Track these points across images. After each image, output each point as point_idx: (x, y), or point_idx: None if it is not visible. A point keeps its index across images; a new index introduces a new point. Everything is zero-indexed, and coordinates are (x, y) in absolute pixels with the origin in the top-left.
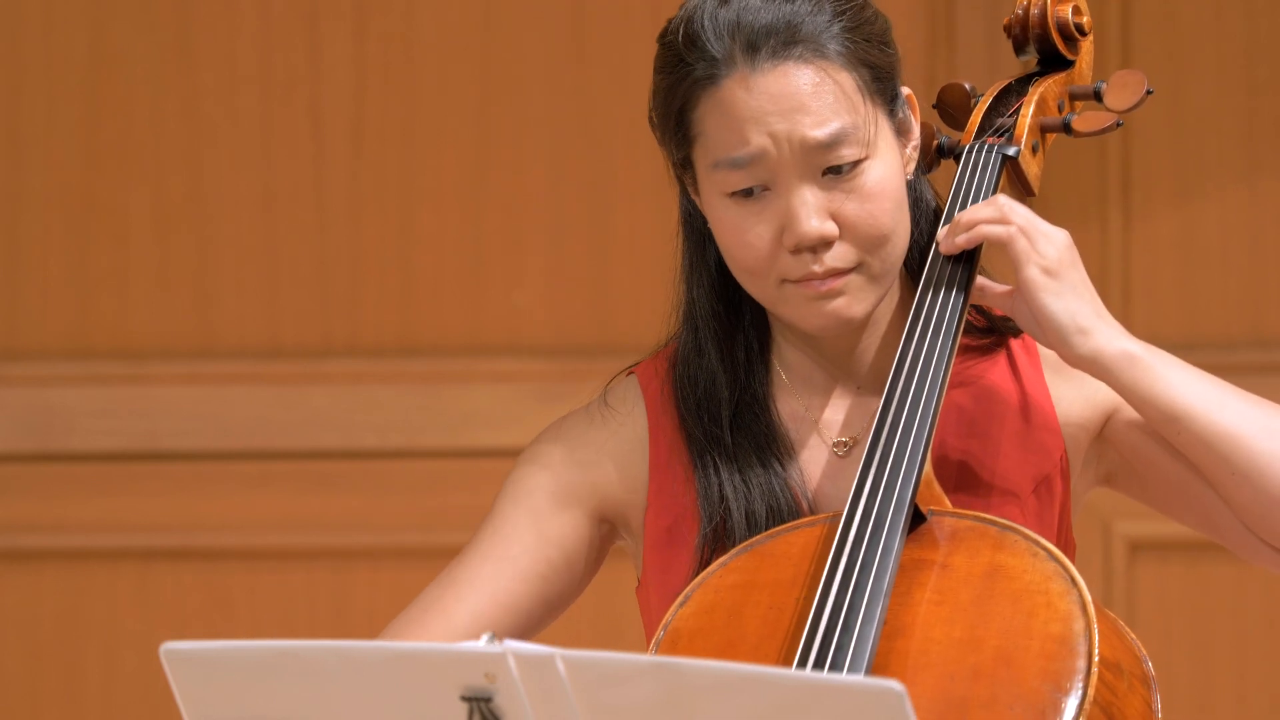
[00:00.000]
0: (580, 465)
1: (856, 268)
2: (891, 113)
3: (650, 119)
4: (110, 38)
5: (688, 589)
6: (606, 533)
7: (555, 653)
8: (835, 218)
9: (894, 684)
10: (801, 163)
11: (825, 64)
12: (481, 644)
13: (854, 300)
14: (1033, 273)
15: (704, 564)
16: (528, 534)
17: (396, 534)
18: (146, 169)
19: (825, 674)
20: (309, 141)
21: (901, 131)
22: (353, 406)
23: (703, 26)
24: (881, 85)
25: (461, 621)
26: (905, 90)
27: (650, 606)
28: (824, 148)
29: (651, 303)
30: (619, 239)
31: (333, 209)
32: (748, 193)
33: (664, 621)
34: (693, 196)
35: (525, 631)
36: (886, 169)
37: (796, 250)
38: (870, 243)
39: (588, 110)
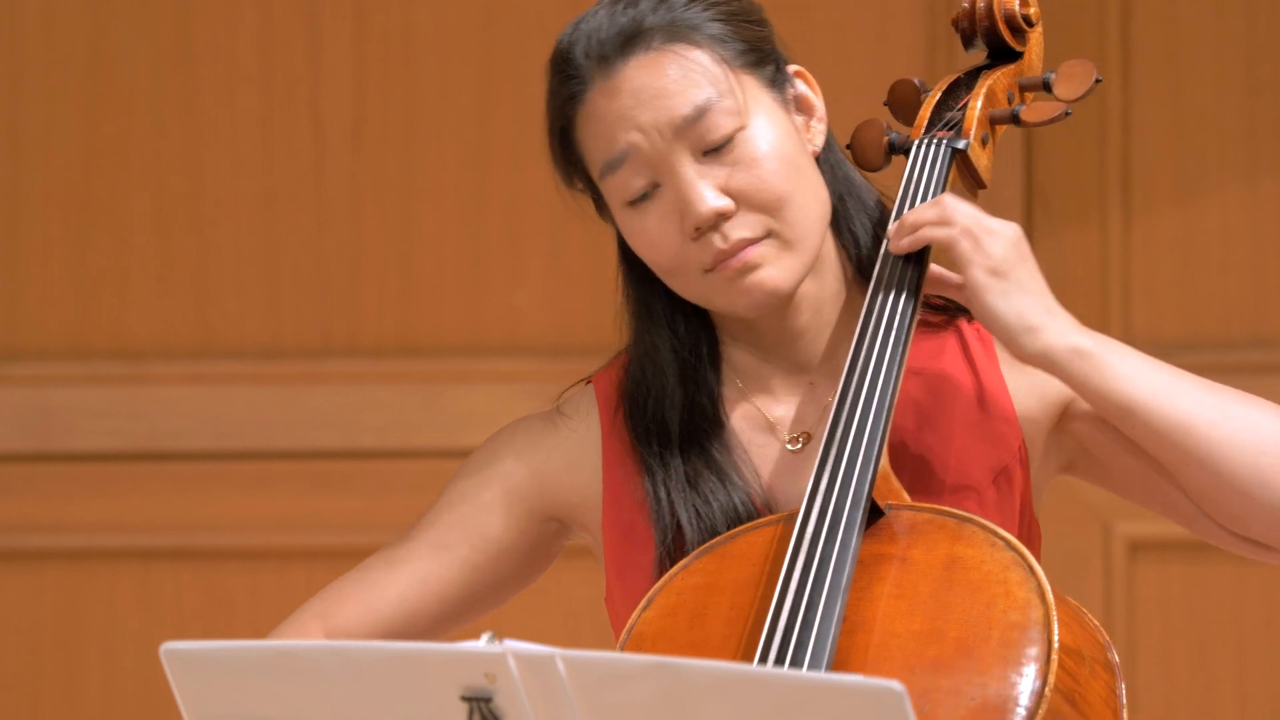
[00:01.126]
0: (530, 467)
1: (766, 236)
2: (773, 84)
3: (550, 158)
4: (110, 38)
5: (650, 592)
6: (555, 530)
7: (555, 653)
8: (728, 192)
9: (894, 684)
10: (677, 147)
11: (677, 47)
12: (481, 644)
13: (775, 270)
14: (977, 274)
15: (660, 577)
16: (467, 527)
17: (396, 534)
18: (146, 169)
19: (825, 674)
20: (309, 141)
21: (799, 107)
22: (353, 406)
23: (562, 52)
24: (749, 58)
25: (389, 599)
26: (794, 67)
27: (617, 614)
28: (691, 123)
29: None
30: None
31: (333, 209)
32: (644, 197)
33: (628, 625)
34: (610, 220)
35: (453, 618)
36: (769, 134)
37: (698, 235)
38: (770, 206)
39: None
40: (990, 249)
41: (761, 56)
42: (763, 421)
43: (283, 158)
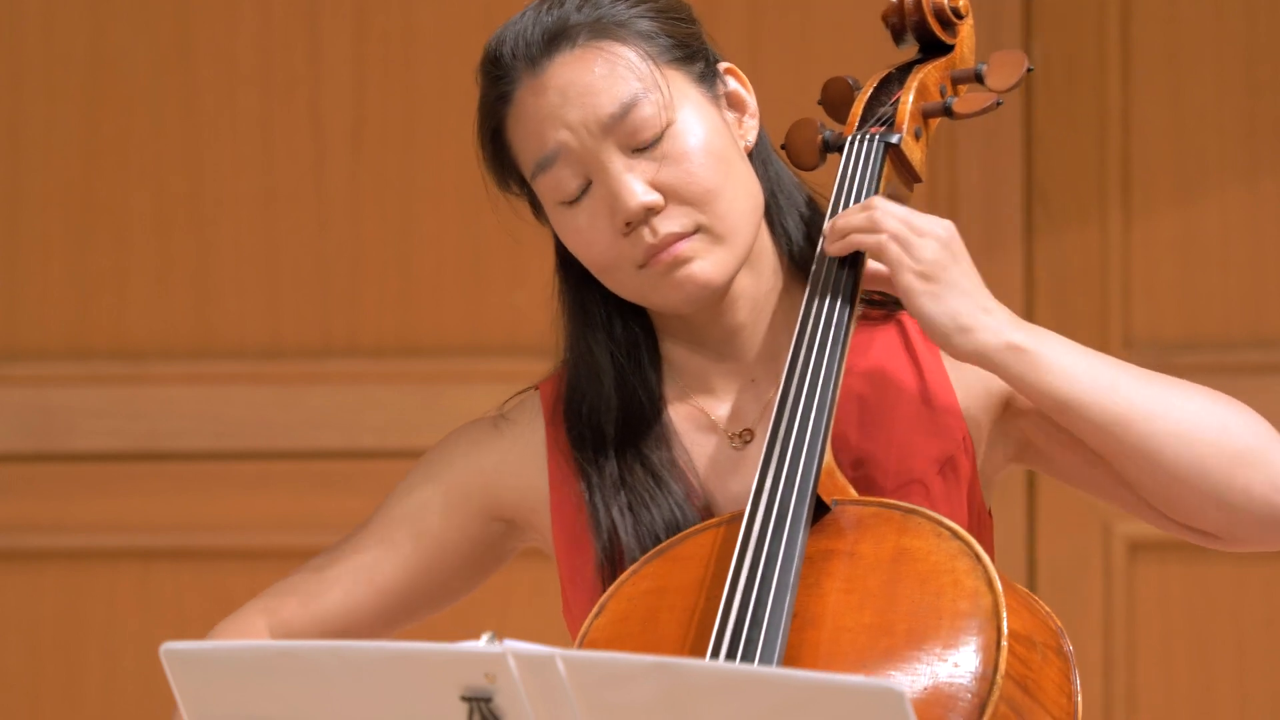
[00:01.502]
0: (474, 468)
1: (696, 231)
2: (704, 80)
3: (480, 163)
4: (110, 38)
5: (601, 599)
6: (501, 532)
7: (555, 653)
8: (657, 187)
9: (894, 684)
10: (605, 144)
11: (604, 44)
12: (481, 644)
13: (706, 264)
14: (907, 279)
15: (604, 585)
16: (413, 526)
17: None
18: (146, 169)
19: (825, 674)
20: (309, 141)
21: (730, 103)
22: (353, 406)
23: (491, 53)
24: (676, 54)
25: (334, 596)
26: (725, 64)
27: (573, 621)
28: (619, 120)
29: None
30: None
31: (333, 209)
32: (578, 198)
33: (581, 632)
34: (546, 221)
35: (397, 616)
36: (697, 129)
37: (629, 230)
38: (698, 200)
39: None
40: (920, 252)
41: (689, 53)
42: (704, 420)
43: (283, 158)
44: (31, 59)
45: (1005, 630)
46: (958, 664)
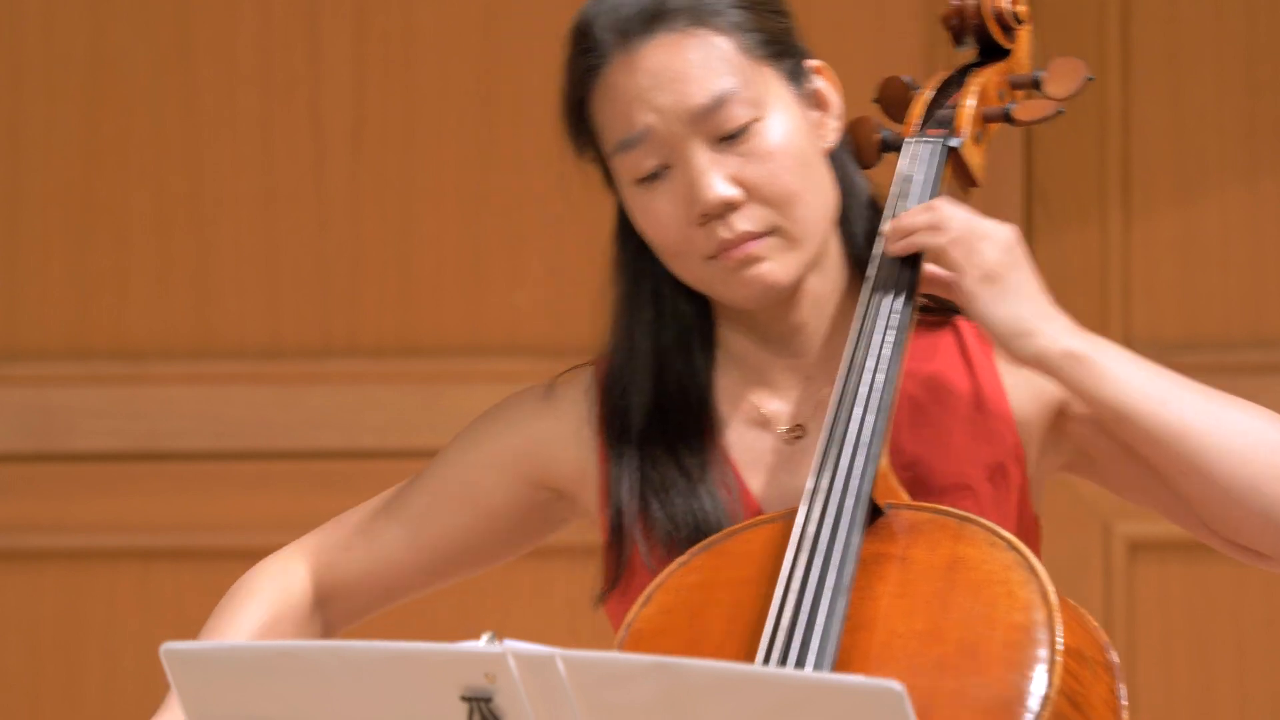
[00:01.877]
0: (524, 434)
1: (771, 231)
2: (793, 77)
3: (563, 128)
4: (110, 38)
5: (648, 589)
6: (548, 499)
7: (555, 653)
8: (738, 182)
9: (894, 684)
10: (692, 132)
11: (700, 31)
12: (481, 644)
13: (776, 265)
14: (970, 282)
15: (613, 580)
16: (463, 485)
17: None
18: (146, 169)
19: (825, 674)
20: (309, 141)
21: (815, 102)
22: (353, 406)
23: (584, 24)
24: (771, 49)
25: (379, 549)
26: (814, 62)
27: (612, 602)
28: (709, 112)
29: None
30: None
31: (333, 209)
32: (654, 176)
33: (626, 621)
34: (617, 195)
35: (443, 574)
36: (784, 128)
37: (704, 221)
38: (778, 202)
39: None
40: (983, 255)
41: (782, 49)
42: (755, 413)
43: (283, 158)
44: (31, 59)
45: (1060, 645)
46: (1011, 678)
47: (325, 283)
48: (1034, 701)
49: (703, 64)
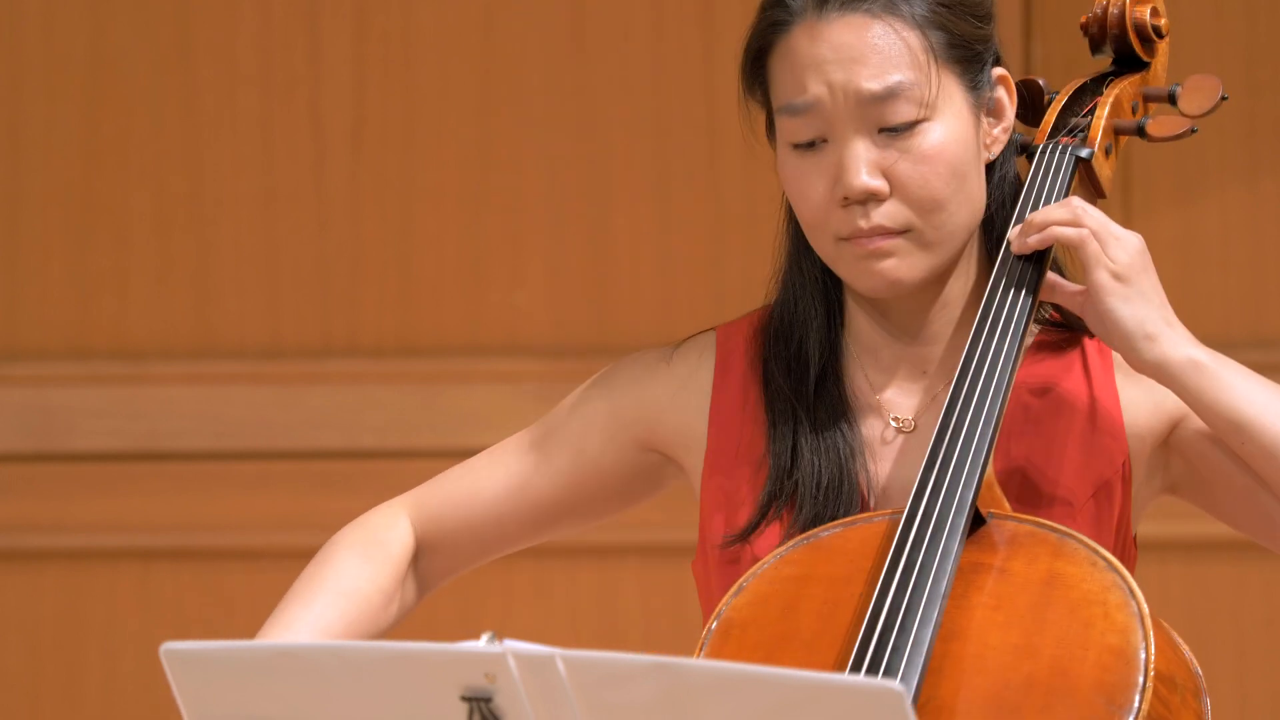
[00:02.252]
0: (636, 395)
1: (906, 231)
2: (973, 85)
3: (739, 67)
4: (110, 38)
5: (742, 579)
6: (656, 462)
7: (555, 653)
8: (887, 176)
9: (894, 684)
10: (857, 115)
11: (894, 20)
12: (481, 644)
13: (903, 264)
14: (1102, 277)
15: (759, 519)
16: (571, 442)
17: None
18: (146, 169)
19: (825, 674)
20: (309, 141)
21: (990, 110)
22: (353, 406)
23: None
24: (959, 53)
25: (484, 498)
26: (999, 71)
27: (707, 575)
28: (878, 100)
29: (651, 303)
30: (619, 239)
31: (333, 209)
32: (810, 145)
33: (716, 611)
34: (773, 140)
35: (544, 528)
36: (949, 135)
37: (846, 204)
38: (921, 205)
39: (588, 110)
40: (1116, 253)
41: (971, 55)
42: (870, 398)
43: (283, 158)
44: (31, 59)
45: (1152, 672)
46: (1099, 700)
47: (325, 283)
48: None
49: (885, 52)
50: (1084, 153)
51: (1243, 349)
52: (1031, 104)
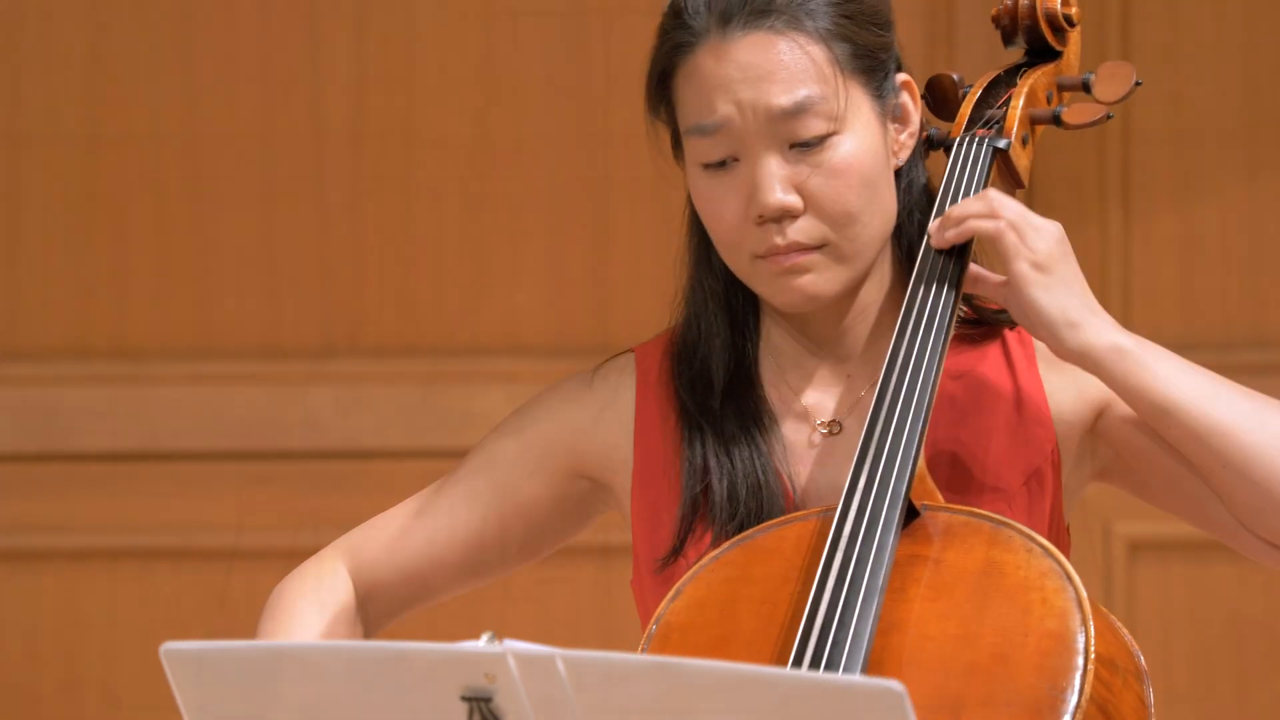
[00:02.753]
0: (560, 423)
1: (822, 246)
2: (879, 94)
3: (644, 88)
4: (110, 38)
5: (679, 583)
6: (587, 489)
7: (555, 653)
8: (801, 192)
9: (894, 684)
10: (767, 132)
11: (798, 35)
12: (481, 644)
13: (820, 279)
14: (1022, 267)
15: (682, 538)
16: (497, 479)
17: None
18: (146, 169)
19: (825, 674)
20: (309, 141)
21: (895, 117)
22: (353, 406)
23: (679, 3)
24: (863, 63)
25: (416, 544)
26: (902, 76)
27: (644, 592)
28: (788, 116)
29: (651, 303)
30: (619, 239)
31: (333, 209)
32: (721, 165)
33: (656, 615)
34: (680, 158)
35: (483, 568)
36: (859, 147)
37: (760, 221)
38: (835, 220)
39: (588, 110)
40: (1035, 243)
41: (875, 64)
42: (794, 405)
43: (283, 158)
44: (32, 59)
45: (1093, 654)
46: (1042, 686)
47: (325, 283)
48: (1065, 709)
49: (791, 67)
50: (1001, 143)
51: (1243, 349)
52: (945, 99)
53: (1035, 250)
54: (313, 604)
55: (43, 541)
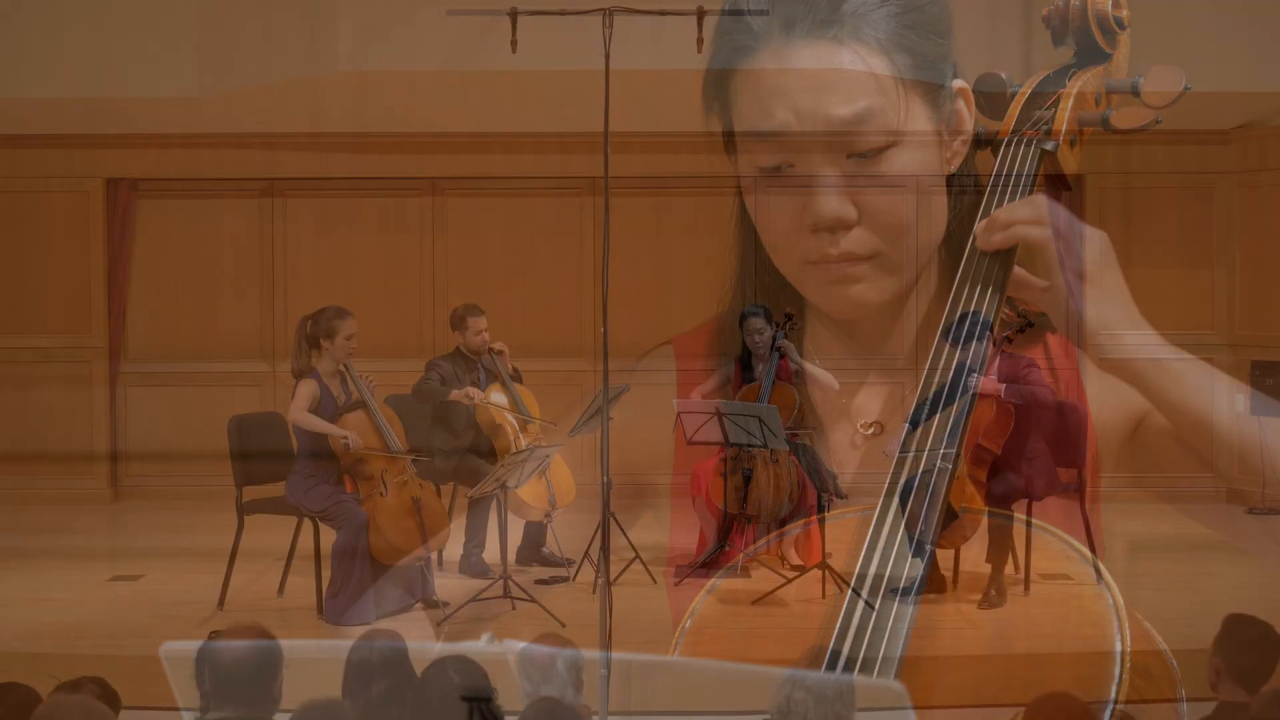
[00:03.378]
0: None
1: (873, 257)
2: (936, 103)
3: (702, 85)
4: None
5: (715, 578)
6: None
7: (555, 653)
8: (856, 203)
9: (894, 684)
10: (825, 142)
11: (860, 46)
12: (482, 644)
13: (870, 288)
14: (1067, 277)
15: (724, 527)
16: None
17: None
18: (146, 168)
19: (825, 674)
20: (309, 141)
21: (950, 125)
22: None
23: (739, 5)
24: (922, 73)
25: None
26: (959, 83)
27: (678, 587)
28: (847, 125)
29: (650, 304)
30: (619, 239)
31: (333, 209)
32: (776, 170)
33: (691, 609)
34: (733, 154)
35: None
36: (915, 158)
37: (815, 230)
38: (889, 231)
39: (587, 109)
40: (1081, 254)
41: (934, 73)
42: (839, 403)
43: (283, 157)
44: (31, 59)
45: (1128, 661)
46: (1078, 690)
47: (330, 284)
48: (1098, 709)
49: (852, 78)
50: (1049, 145)
51: (1243, 349)
52: (993, 98)
53: (1081, 260)
54: None
55: (42, 541)
